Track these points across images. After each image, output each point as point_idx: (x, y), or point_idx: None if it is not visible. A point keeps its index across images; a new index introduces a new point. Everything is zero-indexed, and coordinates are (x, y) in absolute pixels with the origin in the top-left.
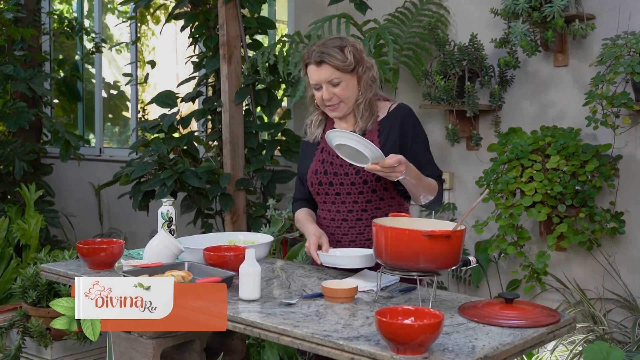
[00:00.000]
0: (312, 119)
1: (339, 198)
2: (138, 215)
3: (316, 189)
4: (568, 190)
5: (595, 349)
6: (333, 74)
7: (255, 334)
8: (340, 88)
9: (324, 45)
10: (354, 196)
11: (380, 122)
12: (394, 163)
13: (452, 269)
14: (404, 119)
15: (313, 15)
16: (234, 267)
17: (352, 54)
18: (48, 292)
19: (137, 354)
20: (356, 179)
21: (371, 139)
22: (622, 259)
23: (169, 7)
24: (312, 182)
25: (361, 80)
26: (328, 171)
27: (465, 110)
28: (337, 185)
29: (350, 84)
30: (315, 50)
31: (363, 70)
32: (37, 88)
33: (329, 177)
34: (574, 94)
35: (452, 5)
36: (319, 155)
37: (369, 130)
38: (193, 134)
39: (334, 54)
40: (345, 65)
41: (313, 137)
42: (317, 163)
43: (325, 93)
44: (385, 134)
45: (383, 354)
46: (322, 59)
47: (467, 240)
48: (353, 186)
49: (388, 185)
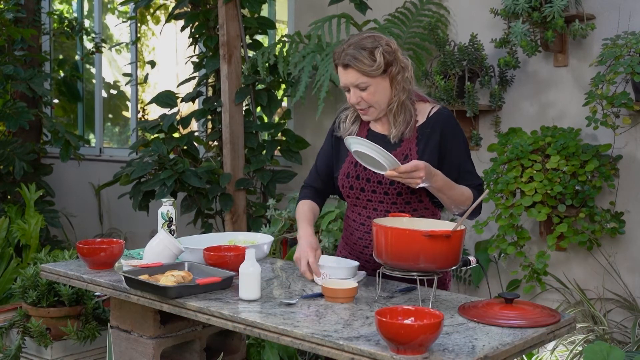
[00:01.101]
0: (348, 114)
1: (371, 204)
2: (138, 215)
3: (347, 192)
4: (568, 190)
5: (595, 349)
6: (360, 78)
7: (255, 334)
8: (368, 93)
9: (354, 46)
10: (387, 205)
11: (418, 129)
12: (411, 168)
13: (452, 269)
14: (444, 126)
15: (313, 15)
16: (234, 267)
17: (383, 56)
18: (48, 292)
19: (137, 354)
20: (390, 189)
21: (409, 147)
22: (622, 259)
23: (169, 7)
24: (342, 184)
25: (394, 81)
26: (360, 176)
27: (465, 110)
28: (369, 192)
29: (380, 88)
30: (344, 52)
31: (396, 70)
32: (37, 88)
33: (361, 183)
34: (574, 94)
35: (452, 5)
36: (352, 157)
37: (407, 138)
38: (193, 134)
39: (361, 58)
40: (372, 69)
41: (347, 133)
42: (349, 165)
43: (353, 97)
44: (424, 142)
45: (383, 354)
46: (348, 62)
47: (467, 240)
48: (386, 195)
49: (423, 197)
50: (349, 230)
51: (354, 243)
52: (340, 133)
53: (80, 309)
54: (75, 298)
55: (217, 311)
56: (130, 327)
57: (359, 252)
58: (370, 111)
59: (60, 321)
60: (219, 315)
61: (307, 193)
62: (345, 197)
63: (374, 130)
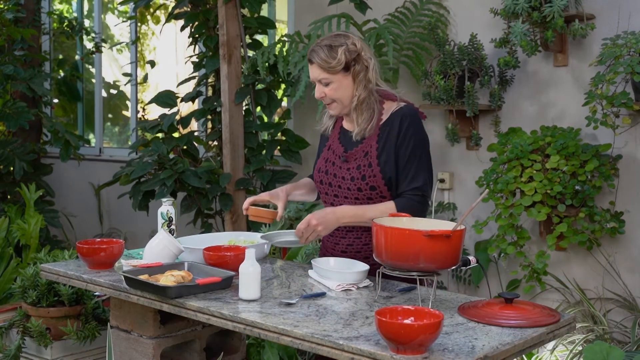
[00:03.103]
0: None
1: (337, 200)
2: (138, 215)
3: (319, 187)
4: (568, 190)
5: (595, 349)
6: (321, 74)
7: (255, 334)
8: (330, 88)
9: (319, 43)
10: (351, 200)
11: (381, 127)
12: (303, 228)
13: (452, 268)
14: (401, 123)
15: (313, 15)
16: (234, 267)
17: (345, 54)
18: (48, 292)
19: (137, 354)
20: (351, 184)
21: (369, 145)
22: (622, 258)
23: (169, 7)
24: (316, 179)
25: (356, 79)
26: (329, 171)
27: (465, 110)
28: (335, 187)
29: (342, 85)
30: (311, 48)
31: (359, 69)
32: (37, 88)
33: (329, 178)
34: (574, 94)
35: (452, 5)
36: (326, 152)
37: (369, 136)
38: (193, 134)
39: (322, 55)
40: (330, 66)
41: (324, 128)
42: (322, 161)
43: (317, 92)
44: (384, 139)
45: (383, 354)
46: (311, 58)
47: (467, 240)
48: (349, 191)
49: (385, 193)
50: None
51: (326, 240)
52: (319, 128)
53: (80, 309)
54: (75, 298)
55: (217, 311)
56: (130, 327)
57: (331, 249)
58: (334, 106)
59: (60, 321)
60: (219, 315)
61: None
62: (320, 193)
63: (345, 127)
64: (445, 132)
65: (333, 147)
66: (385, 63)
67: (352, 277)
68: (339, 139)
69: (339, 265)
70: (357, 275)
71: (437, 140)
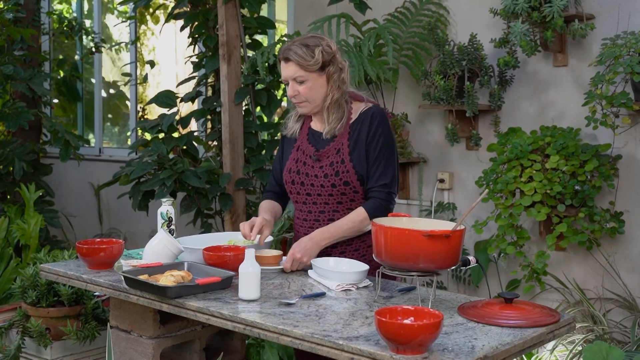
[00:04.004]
0: (293, 113)
1: (310, 199)
2: (138, 215)
3: (289, 188)
4: (568, 190)
5: (594, 349)
6: (298, 72)
7: (255, 334)
8: (305, 87)
9: (295, 42)
10: (325, 197)
11: (351, 125)
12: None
13: (451, 268)
14: (371, 122)
15: (313, 15)
16: (234, 267)
17: (322, 54)
18: (48, 292)
19: (137, 354)
20: (324, 181)
21: (341, 142)
22: (622, 258)
23: (169, 7)
24: (286, 180)
25: (330, 80)
26: (300, 171)
27: (464, 110)
28: (308, 185)
29: (317, 84)
30: (286, 47)
31: (333, 70)
32: (36, 88)
33: (301, 177)
34: (574, 94)
35: (451, 5)
36: (295, 153)
37: (340, 134)
38: (193, 134)
39: (301, 53)
40: (309, 64)
41: (291, 132)
42: (291, 162)
43: (289, 90)
44: (355, 137)
45: (383, 354)
46: (289, 56)
47: (467, 240)
48: (323, 188)
49: (358, 188)
50: (295, 228)
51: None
52: (286, 132)
53: (79, 309)
54: (74, 298)
55: (217, 311)
56: (129, 327)
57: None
58: (305, 105)
59: (59, 321)
60: (219, 315)
61: (267, 196)
62: (289, 193)
63: (314, 128)
64: (445, 132)
65: (302, 148)
66: (385, 63)
67: (352, 277)
68: (307, 139)
69: (338, 266)
70: (357, 275)
71: (436, 140)
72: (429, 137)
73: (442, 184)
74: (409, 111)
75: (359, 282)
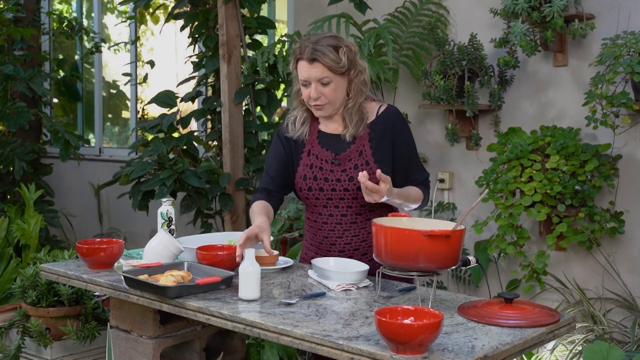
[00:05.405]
0: (297, 115)
1: (332, 202)
2: (138, 215)
3: (305, 194)
4: (568, 190)
5: (594, 349)
6: (325, 73)
7: (255, 333)
8: (330, 89)
9: (319, 42)
10: (348, 201)
11: (370, 126)
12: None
13: (451, 268)
14: (395, 123)
15: (313, 15)
16: (228, 266)
17: (347, 56)
18: (47, 292)
19: (137, 354)
20: (349, 185)
21: (362, 144)
22: (622, 258)
23: (169, 7)
24: (300, 187)
25: (352, 83)
26: (318, 177)
27: (464, 110)
28: (329, 190)
29: (340, 86)
30: (309, 47)
31: (355, 73)
32: (37, 88)
33: (319, 183)
34: (574, 94)
35: (451, 5)
36: (307, 159)
37: (360, 136)
38: (193, 134)
39: (328, 53)
40: (338, 66)
41: (297, 135)
42: (305, 168)
43: (314, 92)
44: (377, 138)
45: (383, 354)
46: (316, 57)
47: (467, 240)
48: (347, 192)
49: None
50: (312, 232)
51: (319, 243)
52: (290, 134)
53: (79, 309)
54: (74, 298)
55: (217, 311)
56: (129, 327)
57: (327, 250)
58: (327, 107)
59: (59, 321)
60: (219, 315)
61: (260, 195)
62: (304, 198)
63: (324, 130)
64: (445, 132)
65: (315, 152)
66: (385, 63)
67: (352, 277)
68: (319, 143)
69: (338, 265)
70: (357, 275)
71: (437, 140)
72: (429, 137)
73: (442, 183)
74: (409, 111)
75: (359, 282)
